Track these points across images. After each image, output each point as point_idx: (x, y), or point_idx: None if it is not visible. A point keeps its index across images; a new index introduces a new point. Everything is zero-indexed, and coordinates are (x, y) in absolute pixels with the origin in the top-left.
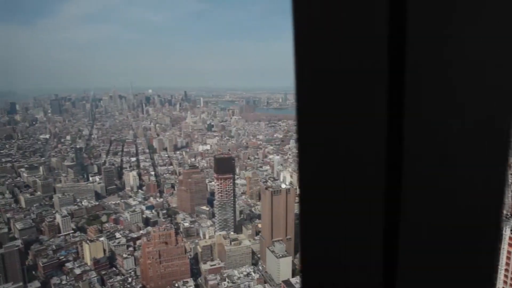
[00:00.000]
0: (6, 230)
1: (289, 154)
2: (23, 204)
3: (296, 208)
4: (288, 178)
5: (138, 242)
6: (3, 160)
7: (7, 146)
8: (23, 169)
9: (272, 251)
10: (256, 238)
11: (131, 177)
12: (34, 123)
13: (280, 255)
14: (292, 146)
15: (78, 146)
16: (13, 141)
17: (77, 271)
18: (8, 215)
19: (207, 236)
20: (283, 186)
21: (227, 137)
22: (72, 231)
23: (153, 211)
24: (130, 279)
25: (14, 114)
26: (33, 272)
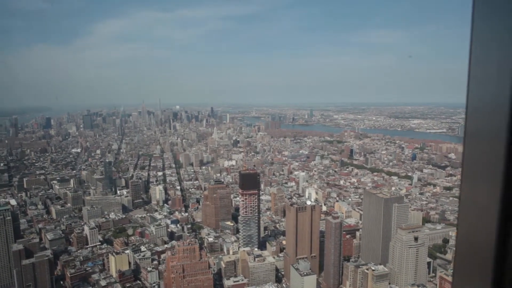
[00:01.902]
0: (37, 240)
1: (315, 171)
2: (54, 215)
3: (321, 226)
4: (313, 194)
5: (162, 255)
6: (37, 172)
7: (41, 159)
8: (55, 181)
9: (297, 269)
10: (280, 255)
11: (157, 191)
12: (67, 137)
13: (305, 273)
14: (317, 162)
15: (107, 160)
16: (47, 154)
17: (103, 283)
18: (40, 225)
19: (231, 252)
20: (308, 202)
21: (253, 153)
22: (99, 243)
23: (178, 225)
24: None
25: (49, 129)
26: (61, 282)
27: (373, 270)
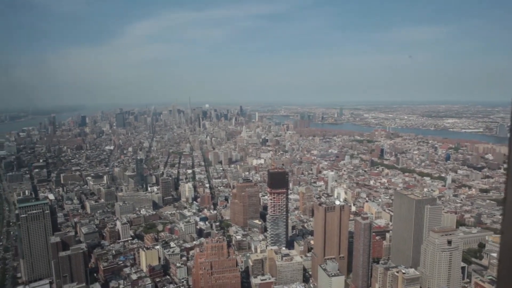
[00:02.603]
0: (73, 233)
1: (344, 170)
2: (88, 210)
3: (350, 226)
4: (342, 194)
5: (191, 252)
6: (73, 168)
7: (77, 155)
8: (89, 178)
9: (324, 269)
10: (308, 254)
11: (186, 189)
12: (101, 135)
13: (333, 274)
14: (347, 162)
15: (139, 158)
16: (83, 151)
17: (134, 277)
18: (76, 219)
19: (258, 250)
20: (337, 202)
21: (281, 152)
22: (131, 238)
23: (207, 222)
24: None
25: (84, 127)
26: (95, 275)
27: (404, 273)
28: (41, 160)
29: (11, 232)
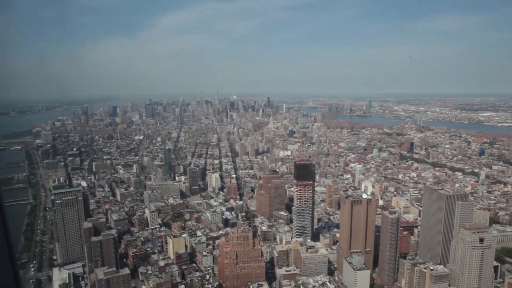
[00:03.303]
0: (104, 219)
1: (372, 164)
2: (118, 198)
3: (377, 220)
4: (369, 188)
5: (217, 241)
6: (105, 157)
7: (108, 145)
8: (120, 166)
9: (350, 263)
10: (333, 247)
11: (213, 179)
12: (131, 125)
13: (358, 268)
14: (375, 155)
15: (167, 147)
16: (113, 140)
17: (161, 263)
18: (106, 206)
19: (283, 241)
20: (364, 196)
21: (308, 144)
22: (159, 226)
23: (233, 212)
24: (208, 276)
25: (115, 117)
26: (124, 260)
27: (432, 269)
28: (74, 149)
29: (47, 217)
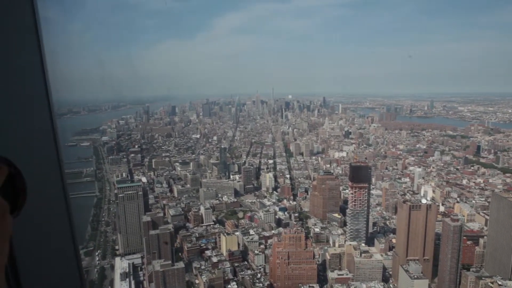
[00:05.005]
0: (161, 214)
1: (433, 167)
2: (175, 194)
3: (437, 227)
4: (429, 193)
5: (269, 241)
6: (163, 154)
7: (167, 143)
8: (177, 164)
9: (406, 270)
10: (389, 253)
11: (267, 179)
12: (188, 124)
13: (415, 276)
14: (436, 158)
15: (222, 146)
16: (172, 139)
17: (214, 260)
18: (164, 202)
19: (336, 244)
20: (424, 201)
21: (365, 145)
22: (213, 223)
23: (286, 213)
24: (259, 275)
25: (174, 116)
26: (180, 254)
27: (500, 284)
28: (136, 146)
29: (111, 209)
